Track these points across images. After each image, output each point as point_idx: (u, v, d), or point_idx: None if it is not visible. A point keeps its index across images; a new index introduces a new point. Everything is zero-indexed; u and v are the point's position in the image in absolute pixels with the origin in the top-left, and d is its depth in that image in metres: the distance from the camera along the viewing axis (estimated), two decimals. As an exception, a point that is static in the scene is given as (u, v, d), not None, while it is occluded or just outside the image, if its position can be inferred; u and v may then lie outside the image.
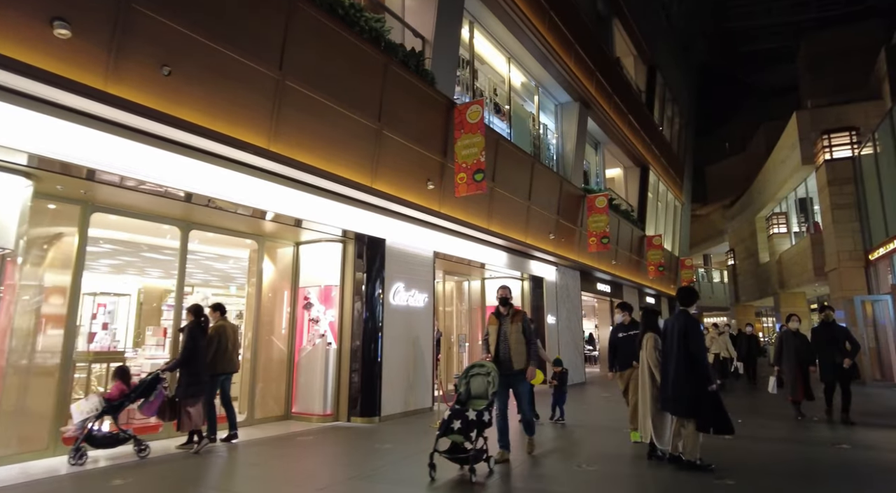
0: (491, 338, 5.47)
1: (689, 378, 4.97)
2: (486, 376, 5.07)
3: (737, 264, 31.18)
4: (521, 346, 5.34)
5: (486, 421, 4.68)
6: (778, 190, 22.83)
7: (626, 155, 18.84)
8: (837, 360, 7.39)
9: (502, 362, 5.33)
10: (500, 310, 5.58)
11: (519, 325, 5.42)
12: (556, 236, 12.72)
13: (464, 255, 10.23)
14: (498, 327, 5.45)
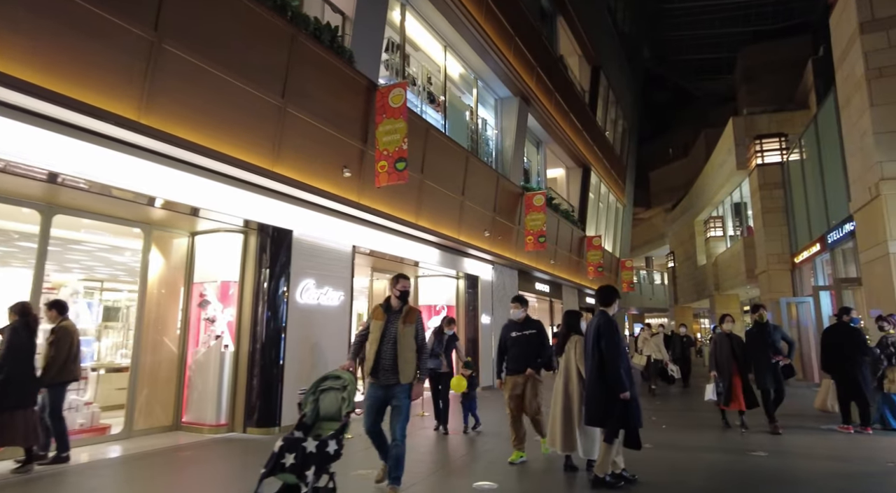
0: (371, 337, 4.24)
1: (601, 384, 4.54)
2: (340, 390, 3.86)
3: (676, 266, 31.96)
4: (412, 354, 4.20)
5: (332, 453, 3.51)
6: (715, 194, 23.39)
7: (568, 155, 18.71)
8: (774, 362, 6.94)
9: (383, 370, 4.14)
10: (392, 303, 4.34)
11: (412, 327, 4.28)
12: (492, 234, 12.28)
13: (389, 251, 9.61)
14: (383, 324, 4.23)
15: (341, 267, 8.20)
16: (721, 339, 7.36)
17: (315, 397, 3.86)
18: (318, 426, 3.82)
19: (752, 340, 7.21)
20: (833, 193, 11.64)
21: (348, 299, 8.29)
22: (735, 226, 23.75)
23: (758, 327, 7.26)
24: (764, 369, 6.98)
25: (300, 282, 7.38)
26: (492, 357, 13.09)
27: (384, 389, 4.18)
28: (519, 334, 5.49)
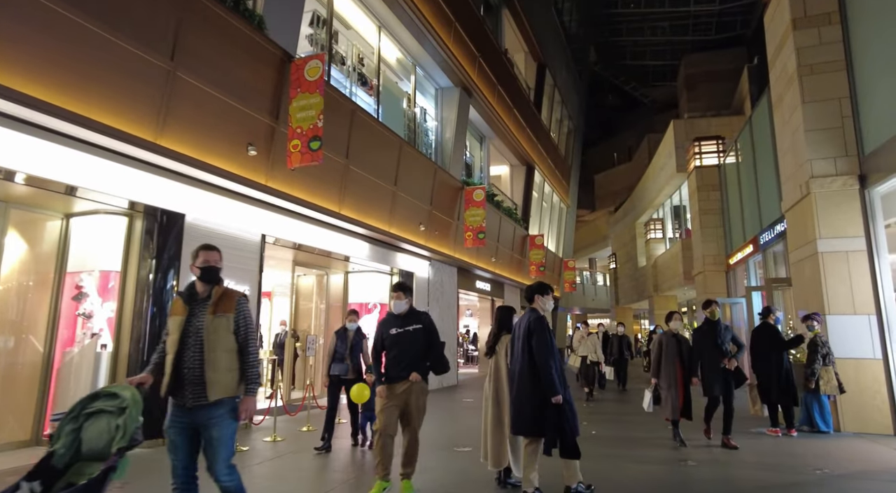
0: (170, 339, 2.96)
1: (533, 388, 4.05)
2: (115, 414, 2.65)
3: (617, 267, 32.50)
4: (228, 356, 2.97)
5: None
6: (656, 196, 23.76)
7: (512, 152, 18.38)
8: (725, 366, 6.15)
9: (186, 382, 2.88)
10: (197, 288, 3.07)
11: (227, 319, 3.00)
12: (428, 228, 11.67)
13: (309, 242, 8.82)
14: (183, 319, 2.96)
15: (247, 259, 7.36)
16: (667, 340, 6.36)
17: (76, 425, 2.62)
18: (78, 469, 2.59)
19: (701, 339, 6.33)
20: (766, 194, 11.72)
21: (256, 294, 7.45)
22: (675, 228, 24.22)
23: (708, 325, 6.39)
24: (713, 374, 6.16)
25: (195, 273, 6.49)
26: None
27: (190, 412, 2.88)
28: (400, 331, 4.37)
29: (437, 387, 12.90)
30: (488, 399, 4.54)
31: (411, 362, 4.31)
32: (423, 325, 4.45)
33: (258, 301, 7.51)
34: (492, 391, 4.52)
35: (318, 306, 11.45)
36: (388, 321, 4.53)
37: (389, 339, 4.41)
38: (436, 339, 4.50)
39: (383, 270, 11.90)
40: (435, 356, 4.48)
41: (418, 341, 4.38)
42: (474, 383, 14.67)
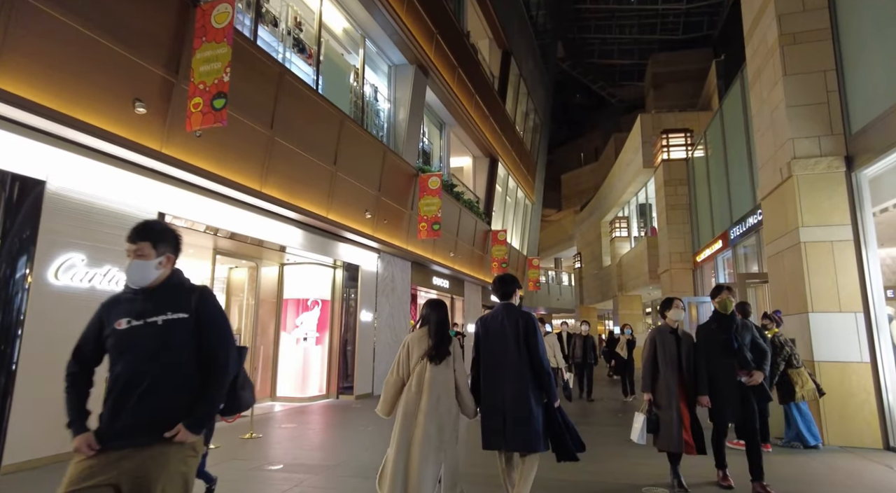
0: None
1: (536, 398, 3.55)
2: None
3: (582, 267, 31.98)
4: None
5: None
6: (621, 194, 23.20)
7: (475, 142, 17.39)
8: (743, 381, 4.45)
9: None
10: None
11: None
12: (375, 217, 10.53)
13: (227, 226, 7.58)
14: None
15: (138, 240, 6.06)
16: (663, 338, 4.57)
17: None
18: None
19: (708, 342, 4.56)
20: (737, 187, 11.05)
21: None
22: (640, 226, 23.72)
23: (718, 322, 4.59)
24: (727, 390, 4.43)
25: (58, 256, 5.20)
26: (371, 366, 11.35)
27: None
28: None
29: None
30: (420, 414, 3.41)
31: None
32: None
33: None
34: (428, 405, 3.42)
35: (247, 302, 10.17)
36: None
37: None
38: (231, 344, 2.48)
39: (325, 262, 10.71)
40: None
41: None
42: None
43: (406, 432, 3.37)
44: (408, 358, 3.54)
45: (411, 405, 3.40)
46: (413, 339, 3.60)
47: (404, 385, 3.52)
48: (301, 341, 10.43)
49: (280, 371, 10.21)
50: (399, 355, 3.56)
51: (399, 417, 3.41)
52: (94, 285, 5.53)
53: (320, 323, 10.71)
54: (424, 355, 3.51)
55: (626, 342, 8.51)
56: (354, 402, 10.26)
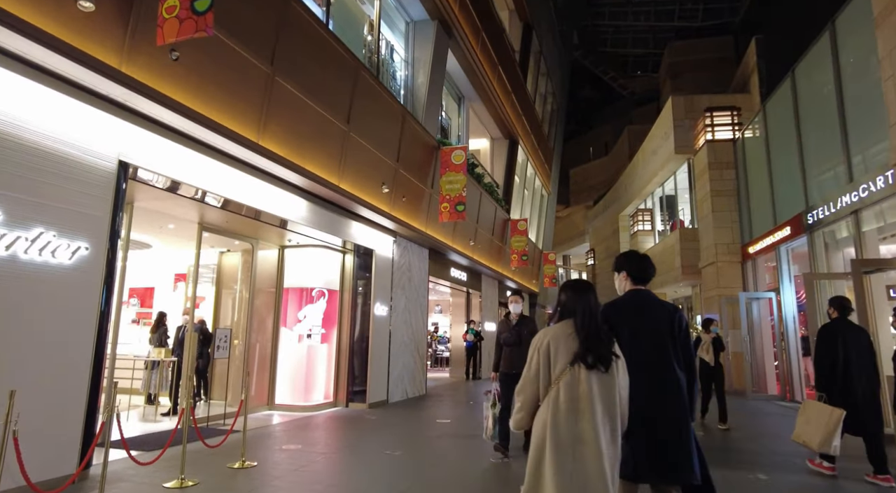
0: None
1: (686, 413, 2.62)
2: None
3: (596, 263, 30.40)
4: None
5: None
6: (646, 184, 21.61)
7: (495, 121, 15.73)
8: None
9: None
10: None
11: None
12: (393, 192, 8.87)
13: (216, 188, 5.87)
14: None
15: (87, 197, 4.37)
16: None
17: None
18: None
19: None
20: (818, 161, 9.43)
21: (102, 257, 4.48)
22: (663, 220, 22.15)
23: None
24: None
25: (-47, 207, 3.52)
26: (386, 368, 9.68)
27: None
28: None
29: (402, 398, 10.12)
30: (583, 446, 2.13)
31: None
32: None
33: (109, 266, 4.53)
34: (595, 432, 2.14)
35: (241, 293, 8.47)
36: None
37: None
38: None
39: (332, 244, 9.03)
40: None
41: None
42: (447, 392, 11.92)
43: (564, 473, 2.09)
44: (548, 363, 2.27)
45: (565, 433, 2.16)
46: (556, 336, 2.29)
47: None
48: (304, 339, 8.76)
49: (279, 374, 8.54)
50: (535, 358, 2.32)
51: (547, 448, 2.16)
52: (17, 254, 3.84)
53: (327, 317, 9.05)
54: (576, 358, 2.18)
55: (710, 343, 6.89)
56: (368, 411, 8.60)
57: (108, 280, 4.51)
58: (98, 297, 4.41)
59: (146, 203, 6.12)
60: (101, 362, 4.47)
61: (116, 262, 4.67)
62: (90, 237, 4.35)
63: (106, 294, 4.50)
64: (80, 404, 4.27)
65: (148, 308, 11.27)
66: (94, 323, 4.39)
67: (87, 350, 4.33)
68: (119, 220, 4.65)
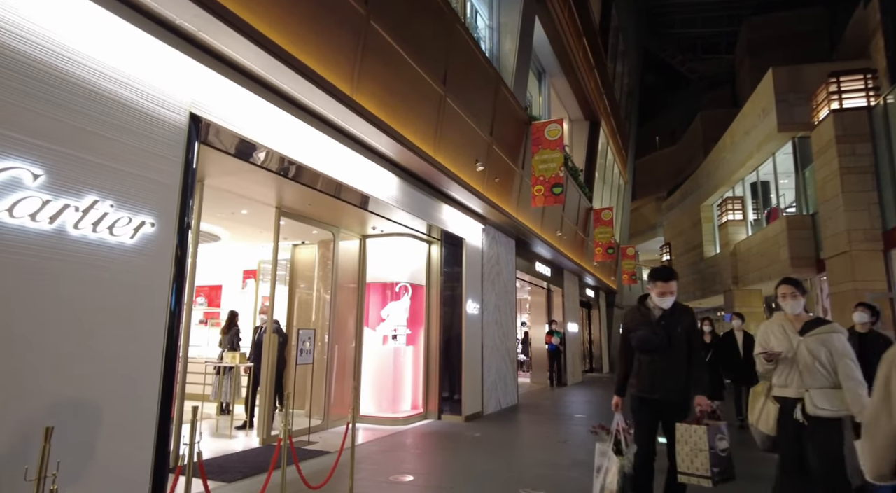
0: None
1: None
2: None
3: (673, 259, 28.14)
4: None
5: None
6: (736, 169, 19.45)
7: (576, 98, 14.26)
8: None
9: None
10: None
11: None
12: (486, 170, 7.65)
13: (298, 154, 4.76)
14: None
15: (152, 157, 3.35)
16: None
17: None
18: None
19: None
20: None
21: (171, 237, 3.44)
22: (757, 208, 19.93)
23: None
24: None
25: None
26: (480, 375, 8.45)
27: None
28: None
29: (496, 409, 8.87)
30: None
31: None
32: None
33: (179, 250, 3.49)
34: None
35: (320, 293, 7.46)
36: None
37: None
38: None
39: (418, 232, 7.88)
40: None
41: None
42: (538, 401, 10.59)
43: None
44: None
45: None
46: None
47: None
48: (389, 340, 7.67)
49: (364, 381, 7.47)
50: None
51: None
52: (64, 227, 2.83)
53: (412, 316, 7.93)
54: None
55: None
56: (465, 426, 7.39)
57: (178, 267, 3.48)
58: (168, 287, 3.38)
59: (218, 180, 5.14)
60: (173, 374, 3.43)
61: (187, 245, 3.64)
62: (156, 211, 3.32)
63: (177, 287, 3.47)
64: (150, 427, 3.24)
65: (215, 308, 10.54)
66: (164, 323, 3.36)
67: (156, 361, 3.30)
68: (190, 189, 3.62)
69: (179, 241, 3.50)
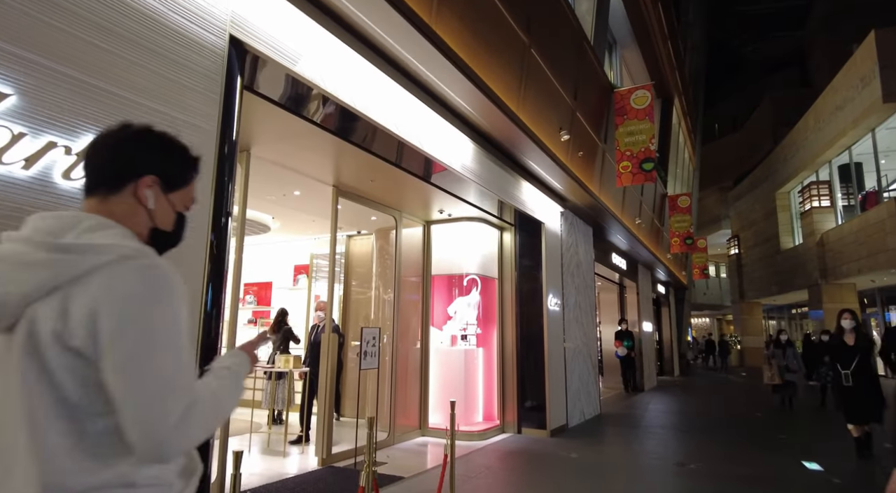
0: None
1: None
2: None
3: (742, 253, 26.03)
4: None
5: None
6: (824, 150, 17.50)
7: (649, 71, 12.82)
8: None
9: None
10: None
11: None
12: (570, 140, 6.50)
13: (355, 99, 3.74)
14: None
15: (182, 89, 2.39)
16: None
17: None
18: None
19: None
20: None
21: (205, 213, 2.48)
22: (848, 193, 17.88)
23: None
24: None
25: None
26: (563, 382, 7.32)
27: None
28: None
29: (579, 421, 7.69)
30: None
31: None
32: None
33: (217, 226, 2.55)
34: None
35: (378, 289, 6.49)
36: None
37: None
38: None
39: (490, 215, 6.77)
40: None
41: None
42: (620, 409, 9.33)
43: None
44: None
45: None
46: None
47: None
48: (459, 341, 6.63)
49: (431, 389, 6.46)
50: None
51: None
52: (49, 174, 1.91)
53: (483, 313, 6.87)
54: None
55: None
56: (552, 441, 6.27)
57: (215, 256, 2.52)
58: (201, 282, 2.42)
59: (265, 148, 4.23)
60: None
61: (227, 226, 2.66)
62: (203, 132, 2.38)
63: (214, 283, 2.51)
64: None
65: (265, 306, 9.80)
66: (196, 326, 2.41)
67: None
68: (230, 141, 2.66)
69: (217, 205, 2.56)
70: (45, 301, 0.80)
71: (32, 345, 0.80)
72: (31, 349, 0.80)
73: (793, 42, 33.69)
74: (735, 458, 5.61)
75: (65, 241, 0.82)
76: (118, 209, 0.92)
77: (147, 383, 0.78)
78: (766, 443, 6.48)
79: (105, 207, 0.91)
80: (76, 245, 0.82)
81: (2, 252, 0.84)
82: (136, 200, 0.93)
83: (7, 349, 0.82)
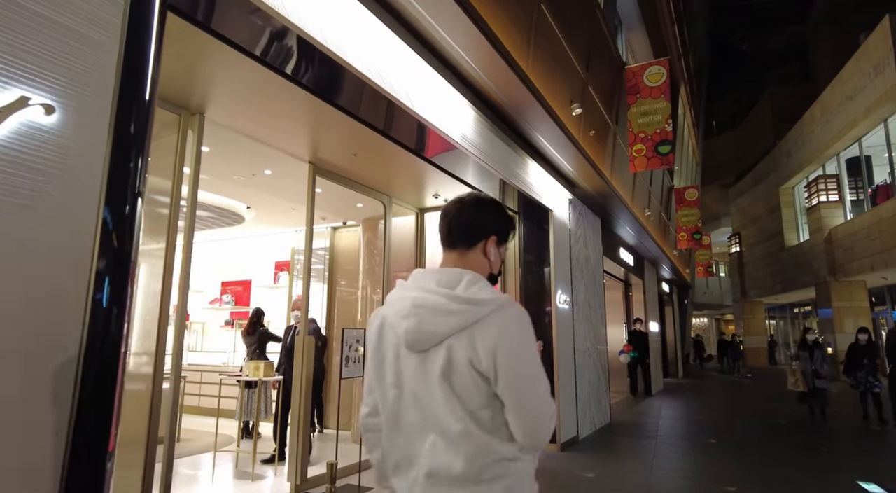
0: None
1: None
2: None
3: (744, 250, 25.42)
4: None
5: None
6: (832, 143, 16.87)
7: (655, 57, 12.13)
8: None
9: None
10: None
11: None
12: (582, 116, 5.74)
13: (321, 36, 2.99)
14: None
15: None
16: None
17: None
18: None
19: None
20: None
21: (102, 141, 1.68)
22: (857, 187, 17.27)
23: None
24: None
25: None
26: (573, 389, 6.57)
27: None
28: None
29: (590, 431, 6.93)
30: None
31: None
32: None
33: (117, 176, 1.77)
34: None
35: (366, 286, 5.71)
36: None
37: None
38: None
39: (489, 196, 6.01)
40: None
41: None
42: (631, 417, 8.59)
43: None
44: None
45: None
46: None
47: None
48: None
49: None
50: None
51: None
52: None
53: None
54: None
55: None
56: (565, 458, 5.49)
57: (116, 225, 1.73)
58: (88, 259, 1.63)
59: (224, 110, 3.43)
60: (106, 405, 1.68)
61: (142, 182, 1.87)
62: (65, 93, 1.58)
63: (116, 264, 1.72)
64: None
65: (244, 307, 8.99)
66: (79, 323, 1.61)
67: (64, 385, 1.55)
68: (144, 56, 1.87)
69: (111, 184, 1.75)
70: (458, 337, 1.13)
71: (451, 365, 1.12)
72: (448, 368, 1.12)
73: (792, 37, 33.25)
74: (776, 479, 4.87)
75: (467, 295, 1.14)
76: (474, 261, 1.25)
77: (533, 405, 1.12)
78: (809, 460, 5.75)
79: (465, 261, 1.25)
80: (476, 299, 1.13)
81: (423, 300, 1.16)
82: (482, 254, 1.27)
83: (422, 364, 1.16)
